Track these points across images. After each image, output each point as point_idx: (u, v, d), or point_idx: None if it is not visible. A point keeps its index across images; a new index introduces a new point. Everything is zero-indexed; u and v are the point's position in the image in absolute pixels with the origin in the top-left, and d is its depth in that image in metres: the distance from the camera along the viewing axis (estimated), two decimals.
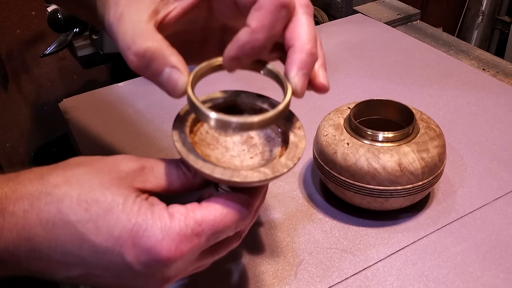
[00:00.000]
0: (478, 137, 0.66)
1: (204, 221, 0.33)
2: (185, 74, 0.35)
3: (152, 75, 0.35)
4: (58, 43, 1.02)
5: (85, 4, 0.43)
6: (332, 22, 1.00)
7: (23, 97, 1.45)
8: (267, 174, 0.34)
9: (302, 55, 0.35)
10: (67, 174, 0.34)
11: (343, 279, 0.49)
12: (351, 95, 0.76)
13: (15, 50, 1.37)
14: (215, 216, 0.34)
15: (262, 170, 0.34)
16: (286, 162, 0.35)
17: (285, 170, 0.35)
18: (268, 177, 0.34)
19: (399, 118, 0.56)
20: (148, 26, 0.34)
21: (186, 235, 0.33)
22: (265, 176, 0.34)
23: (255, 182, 0.34)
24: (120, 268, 0.33)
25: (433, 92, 0.75)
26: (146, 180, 0.35)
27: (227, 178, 0.34)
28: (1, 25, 1.31)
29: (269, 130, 0.39)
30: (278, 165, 0.35)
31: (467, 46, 0.90)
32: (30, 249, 0.33)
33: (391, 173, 0.50)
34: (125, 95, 0.78)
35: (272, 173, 0.34)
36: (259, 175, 0.34)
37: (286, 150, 0.36)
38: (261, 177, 0.34)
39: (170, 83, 0.34)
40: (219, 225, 0.34)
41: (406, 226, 0.54)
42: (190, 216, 0.33)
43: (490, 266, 0.49)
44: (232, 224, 0.34)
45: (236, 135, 0.39)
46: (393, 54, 0.86)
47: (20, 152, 1.50)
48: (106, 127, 0.71)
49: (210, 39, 0.42)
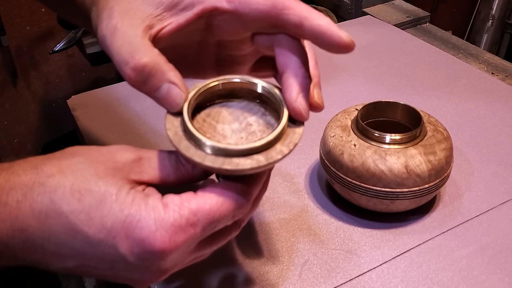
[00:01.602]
0: (486, 141, 0.66)
1: (199, 210, 0.33)
2: (183, 90, 0.35)
3: (149, 90, 0.35)
4: (67, 40, 1.03)
5: (78, 12, 0.43)
6: (341, 24, 1.00)
7: (32, 94, 1.46)
8: (260, 161, 0.33)
9: (299, 78, 0.36)
10: (61, 163, 0.33)
11: (347, 280, 0.49)
12: (358, 96, 0.75)
13: (25, 46, 1.38)
14: (210, 205, 0.33)
15: (255, 157, 0.33)
16: (281, 149, 0.34)
17: (280, 156, 0.34)
18: (261, 164, 0.33)
19: (407, 121, 0.56)
20: (144, 40, 0.35)
21: (180, 225, 0.32)
22: (258, 163, 0.33)
23: (247, 169, 0.33)
24: (114, 259, 0.33)
25: (441, 95, 0.75)
26: (143, 172, 0.34)
27: (218, 165, 0.33)
28: (11, 21, 1.32)
29: (268, 117, 0.38)
30: (273, 152, 0.34)
31: (476, 49, 0.89)
32: (24, 240, 0.33)
33: (398, 175, 0.50)
34: (133, 93, 0.78)
35: (266, 160, 0.33)
36: (252, 162, 0.33)
37: (283, 136, 0.35)
38: (253, 165, 0.33)
39: (168, 99, 0.35)
40: (215, 214, 0.33)
41: (411, 228, 0.54)
42: (184, 206, 0.32)
43: (495, 270, 0.49)
44: (228, 213, 0.34)
45: (235, 122, 0.37)
46: (401, 56, 0.85)
47: (28, 148, 1.51)
48: (114, 125, 0.71)
49: (206, 53, 0.42)
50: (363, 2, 1.04)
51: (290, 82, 0.36)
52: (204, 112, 0.38)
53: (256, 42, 0.39)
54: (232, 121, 0.37)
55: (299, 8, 0.35)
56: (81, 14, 0.42)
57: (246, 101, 0.39)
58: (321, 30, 0.34)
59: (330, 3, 1.12)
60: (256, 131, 0.37)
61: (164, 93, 0.35)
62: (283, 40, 0.37)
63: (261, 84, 0.38)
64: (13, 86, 1.42)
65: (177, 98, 0.35)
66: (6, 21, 1.31)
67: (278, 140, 0.35)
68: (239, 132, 0.37)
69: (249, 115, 0.38)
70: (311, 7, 0.36)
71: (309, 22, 0.34)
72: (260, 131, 0.37)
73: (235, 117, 0.38)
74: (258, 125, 0.37)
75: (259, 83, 0.38)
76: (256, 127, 0.37)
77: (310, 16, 0.35)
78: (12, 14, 1.32)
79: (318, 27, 0.34)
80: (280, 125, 0.35)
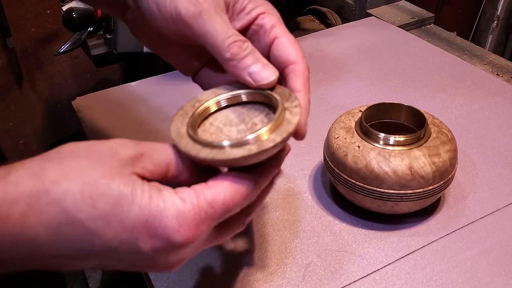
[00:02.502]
0: (491, 143, 0.65)
1: (215, 201, 0.33)
2: (275, 69, 0.39)
3: (245, 65, 0.38)
4: (72, 42, 1.03)
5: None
6: (345, 25, 1.00)
7: (37, 95, 1.46)
8: (251, 150, 0.34)
9: (304, 71, 0.40)
10: (64, 167, 0.32)
11: (351, 281, 0.49)
12: (362, 98, 0.75)
13: (30, 48, 1.38)
14: (224, 195, 0.34)
15: (247, 147, 0.34)
16: (274, 137, 0.35)
17: (271, 144, 0.34)
18: (252, 152, 0.34)
19: (411, 122, 0.56)
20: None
21: (201, 218, 0.33)
22: (248, 152, 0.34)
23: (238, 158, 0.34)
24: (135, 257, 0.33)
25: (445, 96, 0.75)
26: (145, 167, 0.34)
27: (211, 156, 0.34)
28: (16, 23, 1.33)
29: (272, 115, 0.38)
30: (266, 141, 0.34)
31: (481, 50, 0.89)
32: (33, 250, 0.32)
33: (402, 176, 0.50)
34: (138, 94, 0.79)
35: (257, 148, 0.34)
36: (243, 151, 0.34)
37: (277, 126, 0.36)
38: (244, 153, 0.34)
39: (261, 73, 0.38)
40: (230, 203, 0.34)
41: (415, 230, 0.54)
42: (201, 199, 0.33)
43: (500, 272, 0.49)
44: (242, 201, 0.35)
45: (241, 124, 0.39)
46: (406, 57, 0.85)
47: (33, 149, 1.52)
48: (119, 126, 0.71)
49: None
50: (367, 3, 1.04)
51: (296, 75, 0.40)
52: (212, 117, 0.39)
53: None
54: (238, 123, 0.39)
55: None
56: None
57: (251, 104, 0.40)
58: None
59: (334, 5, 1.12)
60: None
61: (258, 68, 0.38)
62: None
63: (265, 92, 0.39)
64: (18, 88, 1.43)
65: (270, 72, 0.38)
66: (11, 23, 1.32)
67: (272, 131, 0.35)
68: (244, 132, 0.38)
69: (255, 115, 0.39)
70: None
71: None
72: None
73: (242, 119, 0.39)
74: (262, 123, 0.38)
75: (259, 92, 0.39)
76: (261, 125, 0.38)
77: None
78: (18, 16, 1.33)
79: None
80: (273, 119, 0.36)
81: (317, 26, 1.13)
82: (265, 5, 0.42)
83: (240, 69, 0.38)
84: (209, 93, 0.40)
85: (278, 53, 0.41)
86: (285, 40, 0.41)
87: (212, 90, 0.40)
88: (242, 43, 0.38)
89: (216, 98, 0.40)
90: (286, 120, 0.36)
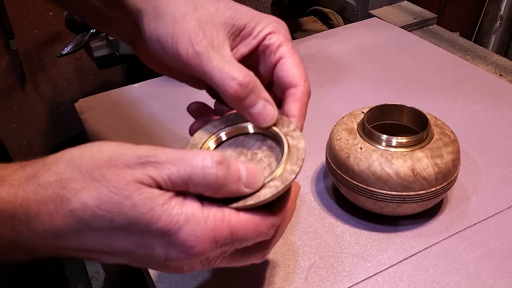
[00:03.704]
0: (494, 144, 0.65)
1: (236, 232, 0.35)
2: (275, 107, 0.40)
3: (247, 105, 0.39)
4: (75, 44, 1.03)
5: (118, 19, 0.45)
6: (348, 26, 1.00)
7: (40, 97, 1.47)
8: (278, 187, 0.36)
9: (302, 96, 0.41)
10: (85, 178, 0.33)
11: (353, 283, 0.49)
12: (365, 99, 0.75)
13: (33, 49, 1.39)
14: (246, 229, 0.35)
15: (272, 185, 0.36)
16: (292, 168, 0.37)
17: (293, 176, 0.36)
18: (280, 189, 0.35)
19: (413, 123, 0.56)
20: (236, 61, 0.39)
21: (217, 241, 0.34)
22: (276, 189, 0.35)
23: (269, 198, 0.35)
24: (150, 261, 0.35)
25: (448, 97, 0.75)
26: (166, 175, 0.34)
27: (242, 204, 0.35)
28: (19, 25, 1.33)
29: (269, 141, 0.40)
30: (286, 174, 0.36)
31: (484, 51, 0.89)
32: (59, 247, 0.34)
33: (404, 178, 0.50)
34: (140, 96, 0.79)
35: (282, 184, 0.36)
36: (271, 190, 0.35)
37: (289, 156, 0.37)
38: (273, 192, 0.35)
39: (263, 114, 0.39)
40: (247, 238, 0.35)
41: (418, 232, 0.54)
42: (225, 224, 0.34)
43: (503, 274, 0.49)
44: (256, 238, 0.36)
45: (241, 156, 0.40)
46: (408, 58, 0.85)
47: (36, 150, 1.52)
48: (121, 128, 0.72)
49: None
50: (370, 4, 1.03)
51: (295, 99, 0.41)
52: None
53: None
54: (238, 156, 0.40)
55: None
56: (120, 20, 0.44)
57: (242, 136, 0.41)
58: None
59: (337, 5, 1.12)
60: (262, 157, 0.39)
61: (260, 109, 0.39)
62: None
63: (251, 125, 0.41)
64: (22, 89, 1.43)
65: (271, 114, 0.39)
66: (14, 24, 1.32)
67: (287, 162, 0.37)
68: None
69: (251, 145, 0.40)
70: None
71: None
72: (266, 156, 0.39)
73: (239, 151, 0.40)
74: (262, 151, 0.40)
75: (248, 125, 0.41)
76: (261, 154, 0.39)
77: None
78: (21, 17, 1.33)
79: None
80: (285, 151, 0.37)
81: (319, 27, 1.13)
82: (273, 24, 0.42)
83: (241, 109, 0.39)
84: (201, 135, 0.41)
85: (281, 73, 0.41)
86: (289, 61, 0.41)
87: (202, 131, 0.41)
88: (242, 79, 0.38)
89: (212, 137, 0.40)
90: (292, 147, 0.38)
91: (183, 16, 0.39)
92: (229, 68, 0.38)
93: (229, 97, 0.38)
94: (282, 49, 0.41)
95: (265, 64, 0.42)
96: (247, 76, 0.38)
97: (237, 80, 0.37)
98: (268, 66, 0.42)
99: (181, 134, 0.69)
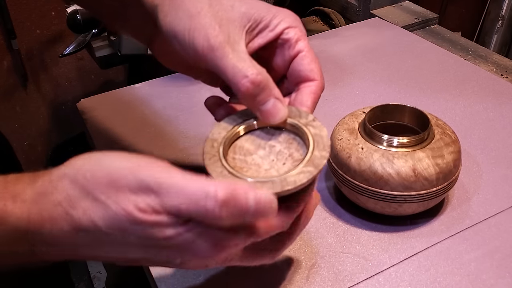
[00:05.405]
0: (495, 144, 0.65)
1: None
2: (285, 105, 0.40)
3: (258, 103, 0.39)
4: (76, 44, 1.04)
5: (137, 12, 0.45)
6: (349, 26, 1.00)
7: (42, 96, 1.47)
8: (312, 172, 0.36)
9: (317, 91, 0.42)
10: (91, 199, 0.34)
11: (355, 283, 0.49)
12: (366, 99, 0.75)
13: (35, 49, 1.39)
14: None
15: (305, 170, 0.36)
16: (321, 154, 0.37)
17: (324, 161, 0.37)
18: (314, 173, 0.36)
19: (414, 124, 0.56)
20: (250, 58, 0.39)
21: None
22: (311, 174, 0.36)
23: (304, 183, 0.36)
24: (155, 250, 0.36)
25: (449, 97, 0.75)
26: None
27: (279, 189, 0.35)
28: (21, 25, 1.34)
29: (285, 134, 0.40)
30: (316, 160, 0.37)
31: (485, 51, 0.89)
32: (73, 254, 0.36)
33: (405, 178, 0.50)
34: (142, 96, 0.79)
35: (316, 168, 0.36)
36: (306, 175, 0.36)
37: (314, 144, 0.38)
38: (308, 177, 0.36)
39: (273, 112, 0.39)
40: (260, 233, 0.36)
41: (419, 231, 0.54)
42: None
43: (504, 274, 0.49)
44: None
45: (259, 150, 0.40)
46: (409, 58, 0.85)
47: (38, 150, 1.52)
48: (123, 128, 0.72)
49: None
50: (371, 4, 1.04)
51: (310, 92, 0.42)
52: (229, 151, 0.41)
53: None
54: (256, 150, 0.40)
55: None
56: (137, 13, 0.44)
57: (258, 130, 0.42)
58: None
59: (338, 5, 1.12)
60: (282, 149, 0.40)
61: (270, 107, 0.39)
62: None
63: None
64: (24, 89, 1.43)
65: (281, 111, 0.40)
66: (16, 24, 1.32)
67: (314, 149, 0.38)
68: (267, 156, 0.40)
69: (268, 138, 0.41)
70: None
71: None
72: (285, 148, 0.40)
73: (257, 145, 0.41)
74: (279, 144, 0.40)
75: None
76: (279, 146, 0.40)
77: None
78: (23, 17, 1.33)
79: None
80: (310, 142, 0.38)
81: (320, 26, 1.13)
82: (289, 18, 0.43)
83: (251, 106, 0.40)
84: (219, 129, 0.41)
85: (299, 67, 0.42)
86: (307, 56, 0.42)
87: (219, 125, 0.41)
88: (254, 77, 0.38)
89: (231, 131, 0.41)
90: (316, 135, 0.38)
91: (199, 12, 0.39)
92: (243, 65, 0.38)
93: (241, 94, 0.39)
94: (300, 44, 0.42)
95: (283, 57, 0.43)
96: (259, 74, 0.38)
97: (249, 78, 0.38)
98: (285, 60, 0.43)
99: (184, 134, 0.70)
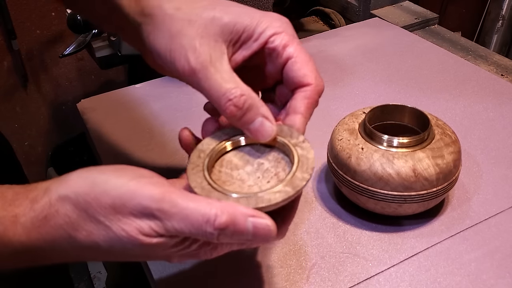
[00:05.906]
0: (495, 144, 0.65)
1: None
2: (274, 123, 0.39)
3: (244, 123, 0.39)
4: (77, 44, 1.04)
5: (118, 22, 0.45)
6: (349, 26, 1.00)
7: (42, 97, 1.47)
8: (288, 192, 0.36)
9: (312, 95, 0.41)
10: (94, 222, 0.35)
11: (355, 283, 0.49)
12: (366, 99, 0.75)
13: (35, 50, 1.39)
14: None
15: (283, 189, 0.36)
16: (302, 175, 0.37)
17: (304, 183, 0.36)
18: (290, 194, 0.36)
19: (414, 124, 0.56)
20: (234, 75, 0.38)
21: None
22: (287, 194, 0.36)
23: (279, 202, 0.35)
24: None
25: (449, 97, 0.75)
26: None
27: (253, 206, 0.35)
28: (21, 25, 1.34)
29: (275, 152, 0.40)
30: (296, 180, 0.36)
31: (485, 51, 0.89)
32: (80, 256, 0.37)
33: (405, 178, 0.50)
34: (142, 97, 0.79)
35: (293, 189, 0.36)
36: (281, 194, 0.36)
37: (299, 164, 0.38)
38: (284, 196, 0.36)
39: (262, 131, 0.39)
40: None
41: (419, 232, 0.54)
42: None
43: (504, 274, 0.49)
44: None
45: (248, 166, 0.40)
46: (410, 58, 0.85)
47: (38, 151, 1.53)
48: (123, 128, 0.72)
49: None
50: (371, 4, 1.04)
51: (305, 97, 0.41)
52: (217, 164, 0.40)
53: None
54: (244, 166, 0.40)
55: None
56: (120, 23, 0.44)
57: (248, 146, 0.41)
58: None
59: (338, 5, 1.12)
60: (269, 167, 0.39)
61: (257, 126, 0.39)
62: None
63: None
64: (24, 89, 1.43)
65: (269, 130, 0.39)
66: (16, 25, 1.32)
67: (297, 170, 0.37)
68: (254, 173, 0.39)
69: (257, 155, 0.40)
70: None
71: None
72: (273, 166, 0.39)
73: (245, 161, 0.40)
74: (268, 162, 0.40)
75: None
76: (268, 164, 0.40)
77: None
78: (23, 18, 1.33)
79: None
80: (295, 162, 0.38)
81: (320, 27, 1.13)
82: (275, 23, 0.41)
83: (239, 126, 0.40)
84: (209, 141, 0.41)
85: (291, 74, 0.41)
86: (297, 61, 0.40)
87: (211, 138, 0.41)
88: (237, 100, 0.38)
89: (220, 144, 0.41)
90: (302, 156, 0.38)
91: (179, 31, 0.39)
92: (226, 88, 0.37)
93: (226, 116, 0.39)
94: (288, 49, 0.40)
95: (274, 65, 0.42)
96: (243, 95, 0.38)
97: (233, 101, 0.37)
98: (276, 67, 0.42)
99: None
